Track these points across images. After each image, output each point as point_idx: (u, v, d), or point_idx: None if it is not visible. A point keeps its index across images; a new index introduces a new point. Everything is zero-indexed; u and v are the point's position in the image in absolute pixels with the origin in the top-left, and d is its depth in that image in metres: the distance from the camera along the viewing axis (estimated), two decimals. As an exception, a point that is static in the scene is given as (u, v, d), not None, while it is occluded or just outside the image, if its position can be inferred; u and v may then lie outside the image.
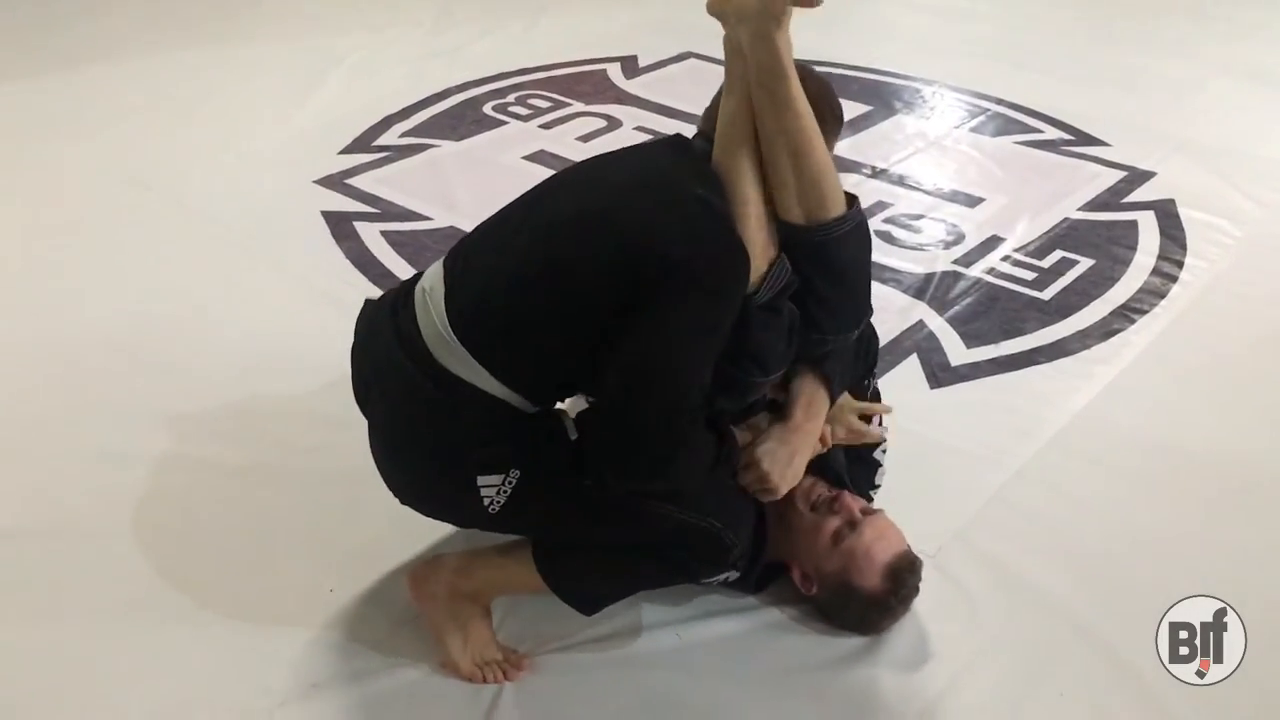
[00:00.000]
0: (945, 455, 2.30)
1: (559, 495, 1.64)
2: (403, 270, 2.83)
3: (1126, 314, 2.80)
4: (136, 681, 1.76)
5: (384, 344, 1.67)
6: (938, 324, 2.74)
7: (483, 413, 1.60)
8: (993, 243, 3.11)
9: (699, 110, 1.78)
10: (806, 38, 4.81)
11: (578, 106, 3.89)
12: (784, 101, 1.62)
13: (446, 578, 1.79)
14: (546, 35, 4.53)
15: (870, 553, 1.82)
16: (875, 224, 3.18)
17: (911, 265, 2.98)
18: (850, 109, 3.87)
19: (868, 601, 1.83)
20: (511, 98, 3.93)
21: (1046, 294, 2.88)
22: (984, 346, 2.66)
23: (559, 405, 1.72)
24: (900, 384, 2.51)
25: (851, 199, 1.69)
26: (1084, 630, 1.89)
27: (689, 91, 3.93)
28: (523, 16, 4.71)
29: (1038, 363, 2.62)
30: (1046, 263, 3.03)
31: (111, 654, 1.80)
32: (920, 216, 3.24)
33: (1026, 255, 3.06)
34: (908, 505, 2.13)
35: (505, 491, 1.61)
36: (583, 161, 1.84)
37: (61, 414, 2.34)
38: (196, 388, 2.42)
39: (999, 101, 4.03)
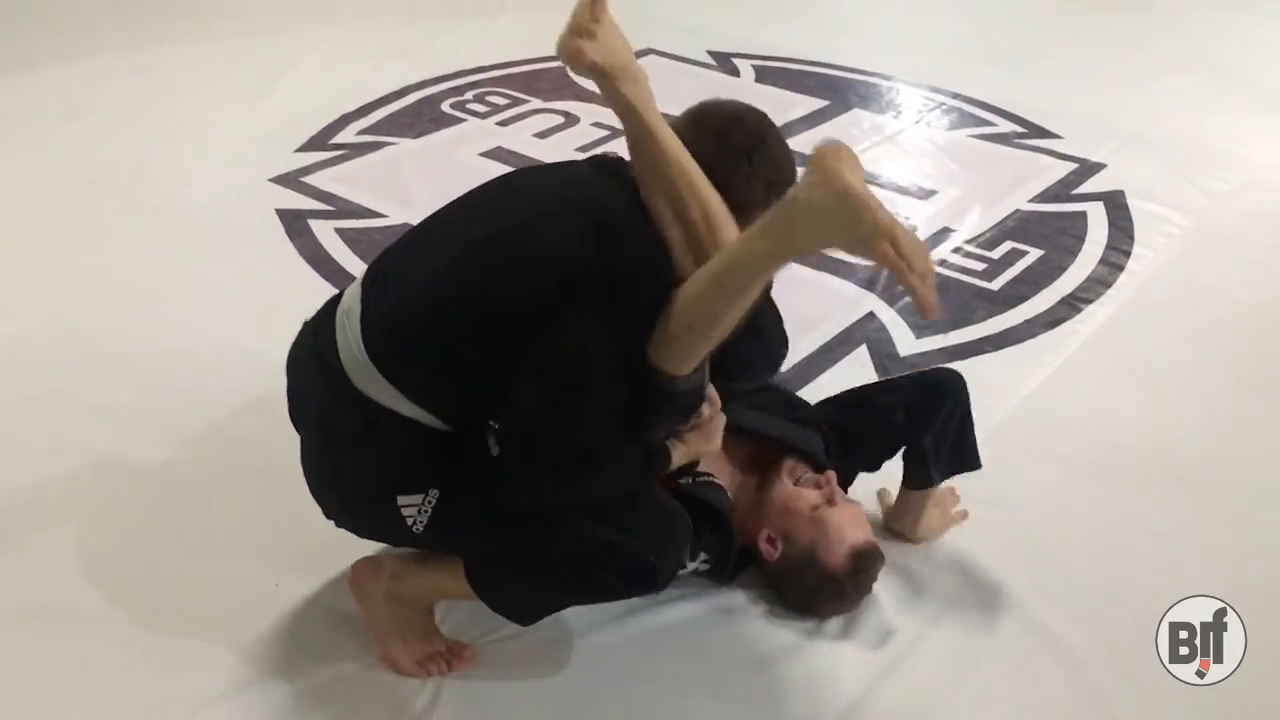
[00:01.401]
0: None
1: (481, 513, 1.62)
2: (356, 267, 2.84)
3: (1073, 303, 2.85)
4: (63, 683, 1.75)
5: (305, 367, 1.69)
6: (888, 315, 2.77)
7: (400, 436, 1.59)
8: (944, 235, 3.15)
9: (659, 107, 1.76)
10: (764, 32, 4.85)
11: (536, 103, 3.90)
12: (652, 157, 1.57)
13: (384, 582, 1.79)
14: (506, 33, 4.54)
15: (842, 531, 1.87)
16: (828, 217, 3.21)
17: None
18: (807, 104, 3.95)
19: (825, 578, 1.87)
20: (469, 95, 3.94)
21: (995, 284, 2.93)
22: (933, 336, 2.70)
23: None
24: (849, 374, 2.53)
25: None
26: (1025, 613, 1.93)
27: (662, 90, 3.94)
28: (483, 14, 4.72)
29: (985, 351, 2.66)
30: (996, 254, 3.07)
31: (42, 655, 1.80)
32: (873, 209, 3.28)
33: (977, 247, 3.10)
34: (855, 492, 2.17)
35: (426, 511, 1.61)
36: (504, 176, 1.81)
37: (8, 409, 2.34)
38: (146, 383, 2.42)
39: (954, 95, 4.07)
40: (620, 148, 1.70)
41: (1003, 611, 1.94)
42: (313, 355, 1.66)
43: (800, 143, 3.60)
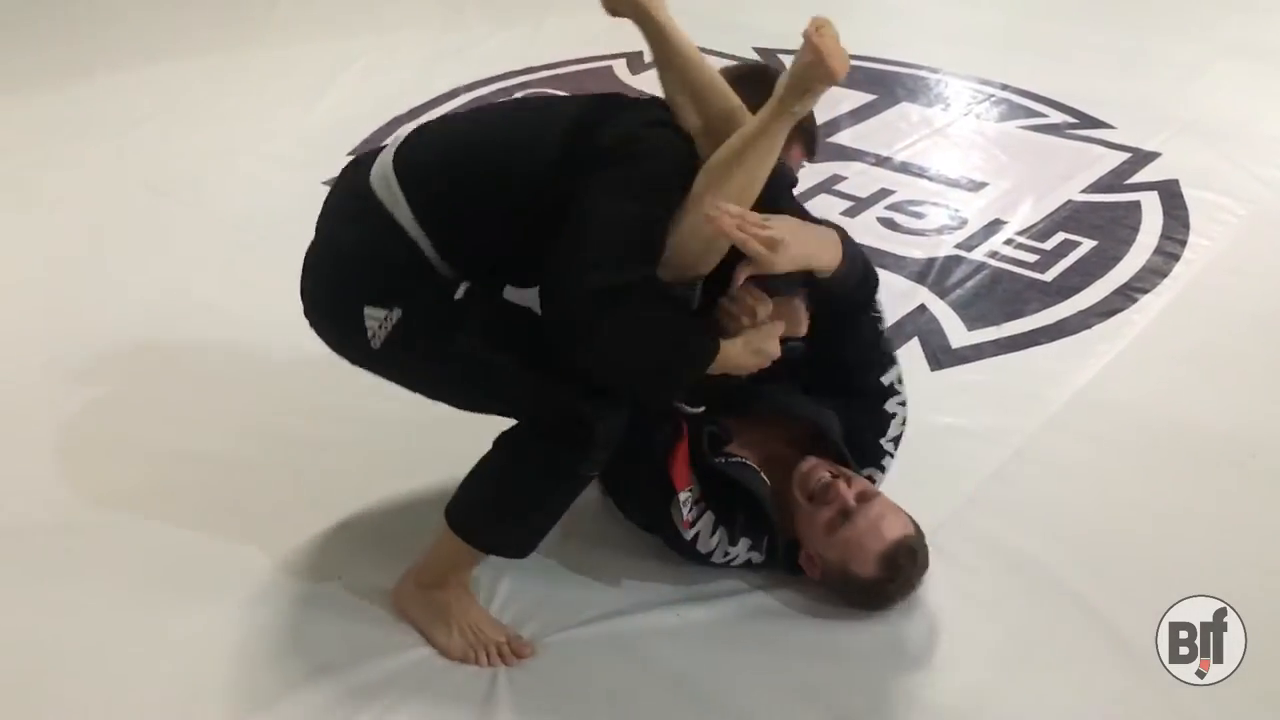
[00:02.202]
0: (945, 436, 2.33)
1: (431, 349, 1.71)
2: (412, 267, 2.88)
3: (1128, 293, 2.83)
4: (148, 668, 1.81)
5: (336, 187, 1.84)
6: (939, 308, 2.77)
7: (392, 245, 1.70)
8: (995, 226, 3.14)
9: None
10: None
11: (584, 103, 3.93)
12: (669, 54, 1.76)
13: (410, 578, 1.87)
14: (553, 33, 4.57)
15: (864, 543, 1.83)
16: (878, 211, 3.21)
17: (914, 251, 3.01)
18: (854, 98, 3.95)
19: (867, 588, 1.86)
20: (518, 96, 3.98)
21: (1048, 275, 2.91)
22: (986, 328, 2.69)
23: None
24: (902, 367, 2.53)
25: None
26: (1081, 607, 1.92)
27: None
28: (530, 15, 4.76)
29: (1039, 343, 2.64)
30: (1049, 245, 3.05)
31: (124, 643, 1.85)
32: (923, 203, 3.27)
33: (1029, 238, 3.08)
34: (907, 485, 2.17)
35: (386, 328, 1.69)
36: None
37: (79, 411, 2.40)
38: (209, 384, 2.48)
39: (1003, 87, 4.05)
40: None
41: (1058, 602, 1.93)
42: (348, 172, 1.82)
43: (847, 137, 3.64)
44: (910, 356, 2.57)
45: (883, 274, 2.82)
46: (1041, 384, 2.50)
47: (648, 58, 4.25)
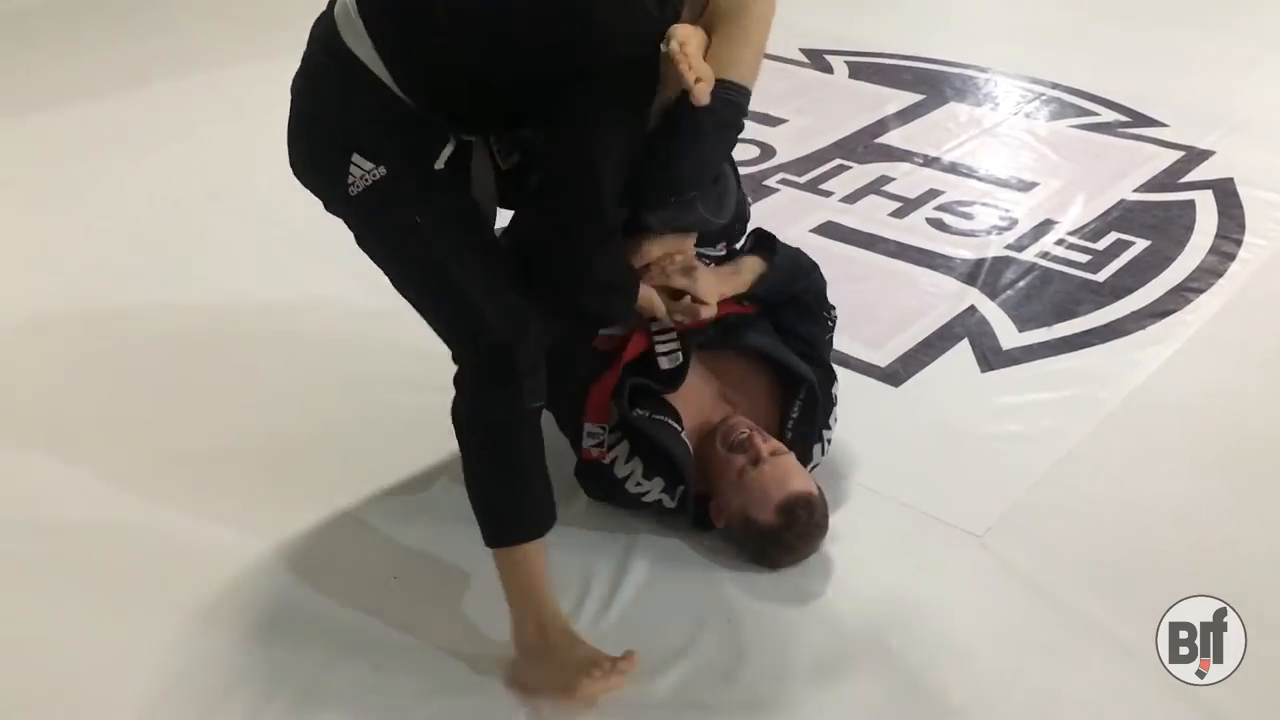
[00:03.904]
0: (996, 437, 2.32)
1: (397, 216, 1.78)
2: (461, 270, 2.90)
3: (1183, 294, 2.79)
4: (199, 673, 1.83)
5: (311, 40, 1.86)
6: (990, 309, 2.75)
7: (371, 96, 1.73)
8: (1046, 227, 3.11)
9: (752, 106, 1.83)
10: (856, 28, 4.80)
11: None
12: None
13: (515, 651, 1.79)
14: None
15: (766, 489, 1.93)
16: (927, 211, 3.20)
17: (963, 251, 2.99)
18: (902, 98, 3.93)
19: (763, 535, 1.94)
20: None
21: (1101, 276, 2.88)
22: (1037, 329, 2.67)
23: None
24: (952, 368, 2.53)
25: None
26: (1133, 609, 1.89)
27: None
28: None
29: (1091, 344, 2.62)
30: (1101, 245, 3.02)
31: (179, 650, 1.88)
32: (972, 203, 3.25)
33: (1080, 238, 3.05)
34: (957, 486, 2.17)
35: (367, 181, 1.76)
36: None
37: (134, 415, 2.44)
38: (266, 389, 2.52)
39: (1054, 85, 4.01)
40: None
41: (1109, 604, 1.91)
42: (316, 23, 1.83)
43: (895, 138, 3.63)
44: (960, 358, 2.57)
45: (931, 275, 2.87)
46: (1094, 385, 2.48)
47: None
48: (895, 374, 2.51)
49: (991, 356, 2.57)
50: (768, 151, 3.54)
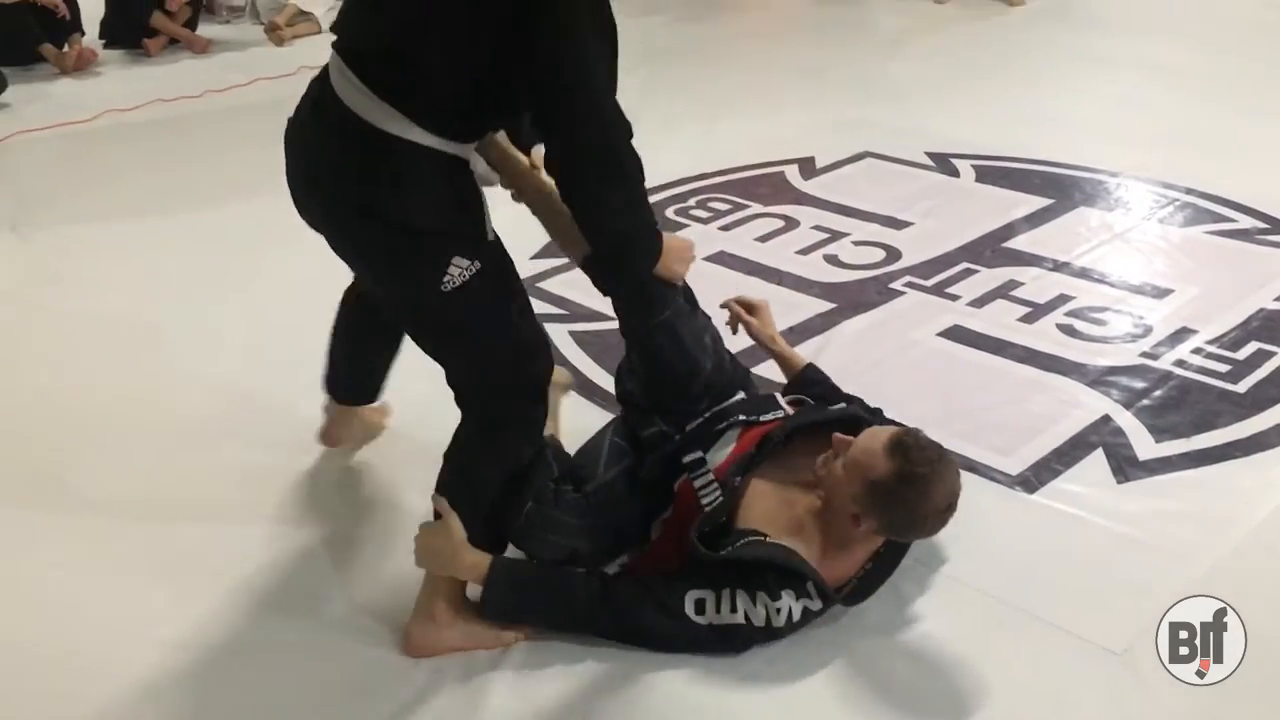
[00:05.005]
0: (1135, 551, 2.25)
1: (489, 301, 1.94)
2: (590, 369, 2.96)
3: (1330, 407, 2.70)
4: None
5: (311, 133, 1.93)
6: (1125, 418, 2.69)
7: (428, 165, 1.82)
8: (1183, 335, 3.04)
9: (878, 209, 1.91)
10: (983, 132, 4.81)
11: (756, 208, 4.00)
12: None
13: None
14: (724, 139, 4.68)
15: (868, 447, 1.94)
16: (1057, 317, 3.15)
17: (1096, 358, 2.94)
18: (1030, 203, 3.91)
19: (893, 487, 1.89)
20: (692, 201, 4.07)
21: (1241, 386, 2.80)
22: (1174, 440, 2.60)
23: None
24: (1086, 478, 2.48)
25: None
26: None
27: (867, 190, 3.99)
28: (702, 121, 4.89)
29: (1232, 457, 2.54)
30: (1241, 355, 2.94)
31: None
32: (1105, 310, 3.20)
33: (1219, 347, 2.98)
34: (1092, 601, 2.12)
35: (464, 277, 1.88)
36: None
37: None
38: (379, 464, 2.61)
39: (1187, 190, 3.95)
40: (841, 250, 1.77)
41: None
42: (317, 118, 1.89)
43: (1023, 242, 3.60)
44: (1095, 467, 2.51)
45: (1062, 380, 2.83)
46: (1236, 500, 2.39)
47: (818, 163, 4.36)
48: (1027, 481, 2.47)
49: (1127, 467, 2.51)
50: (893, 254, 3.55)
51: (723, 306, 2.49)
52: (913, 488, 1.90)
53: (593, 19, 1.81)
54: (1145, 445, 2.58)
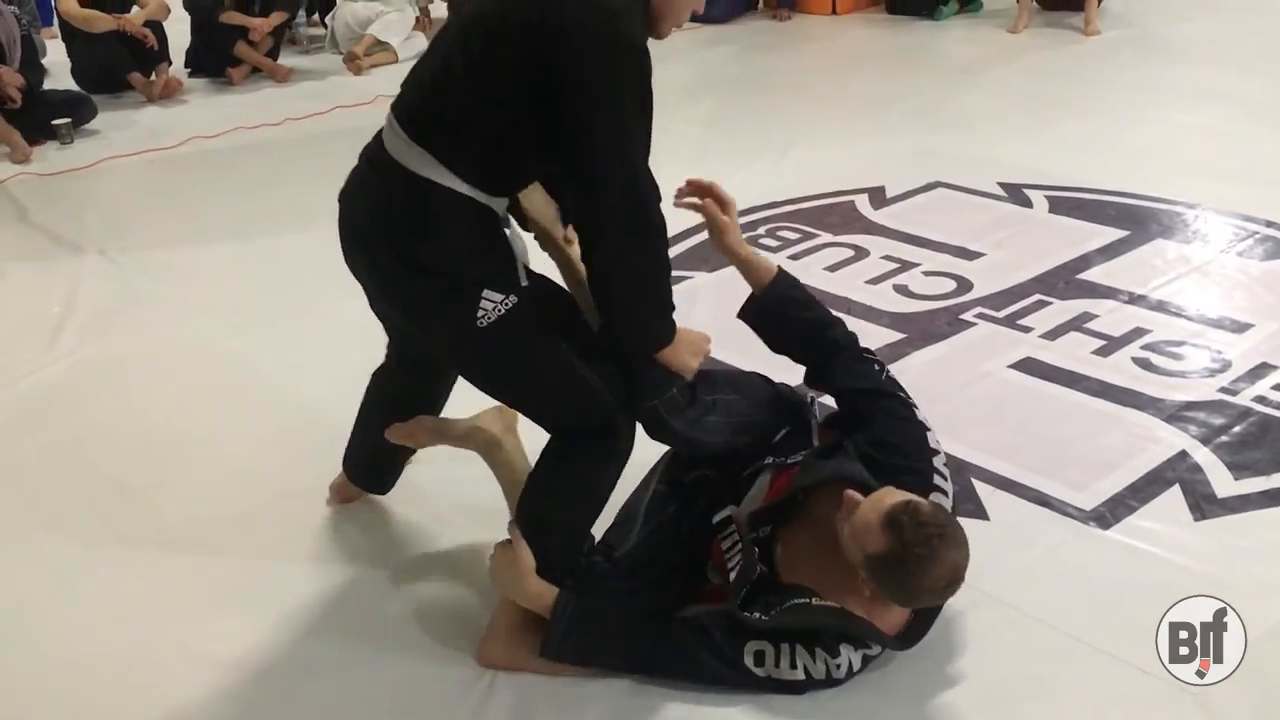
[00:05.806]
0: (1214, 591, 2.18)
1: (529, 334, 1.96)
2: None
3: None
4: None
5: (357, 182, 2.01)
6: (1202, 455, 2.65)
7: (461, 211, 1.87)
8: (1262, 370, 2.99)
9: (949, 239, 1.90)
10: (1056, 162, 4.78)
11: (826, 237, 4.00)
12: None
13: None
14: (795, 168, 4.69)
15: (865, 519, 1.87)
16: (1133, 350, 3.12)
17: (1173, 394, 2.90)
18: (1105, 234, 3.87)
19: (886, 563, 1.85)
20: (762, 230, 4.08)
21: (1324, 424, 2.74)
22: (1254, 478, 2.55)
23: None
24: (1162, 515, 2.44)
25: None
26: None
27: (938, 220, 3.98)
28: (773, 150, 4.91)
29: (1316, 496, 2.49)
30: (1324, 391, 2.88)
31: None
32: (1182, 343, 3.15)
33: (1301, 384, 2.92)
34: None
35: (499, 311, 1.91)
36: None
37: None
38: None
39: (1268, 224, 3.88)
40: (912, 280, 1.76)
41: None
42: (368, 168, 1.98)
43: (1097, 274, 3.56)
44: (1171, 504, 2.48)
45: (1138, 415, 2.79)
46: (1319, 541, 2.35)
47: (889, 193, 4.35)
48: (1102, 517, 2.44)
49: (1205, 505, 2.47)
50: (964, 285, 3.53)
51: (681, 204, 2.32)
52: (905, 567, 1.85)
53: (630, 88, 1.84)
54: (1224, 482, 2.54)
